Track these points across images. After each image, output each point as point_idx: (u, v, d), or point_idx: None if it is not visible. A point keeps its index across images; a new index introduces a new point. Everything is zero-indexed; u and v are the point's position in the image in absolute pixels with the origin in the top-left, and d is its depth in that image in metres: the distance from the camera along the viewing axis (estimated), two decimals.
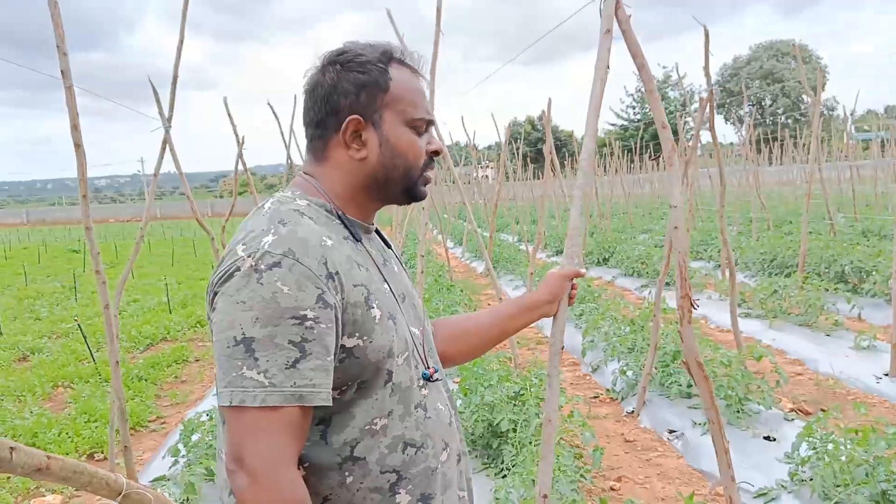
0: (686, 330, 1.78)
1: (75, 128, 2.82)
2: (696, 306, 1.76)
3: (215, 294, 1.08)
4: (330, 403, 1.06)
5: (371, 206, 1.28)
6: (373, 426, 1.14)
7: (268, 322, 1.00)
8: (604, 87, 1.79)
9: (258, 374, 1.00)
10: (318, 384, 1.03)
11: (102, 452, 4.67)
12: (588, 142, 1.76)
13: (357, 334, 1.10)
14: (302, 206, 1.18)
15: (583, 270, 1.65)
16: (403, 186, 1.25)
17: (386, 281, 1.22)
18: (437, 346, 1.43)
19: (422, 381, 1.24)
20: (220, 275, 1.07)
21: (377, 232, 1.35)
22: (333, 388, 1.08)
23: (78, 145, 2.85)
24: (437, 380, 1.29)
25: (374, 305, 1.13)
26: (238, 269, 1.04)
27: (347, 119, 1.19)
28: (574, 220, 1.76)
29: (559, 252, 14.17)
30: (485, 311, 1.61)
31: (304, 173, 1.27)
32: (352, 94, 1.19)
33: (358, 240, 1.21)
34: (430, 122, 1.27)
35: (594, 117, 1.79)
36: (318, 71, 1.23)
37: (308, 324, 1.02)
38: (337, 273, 1.08)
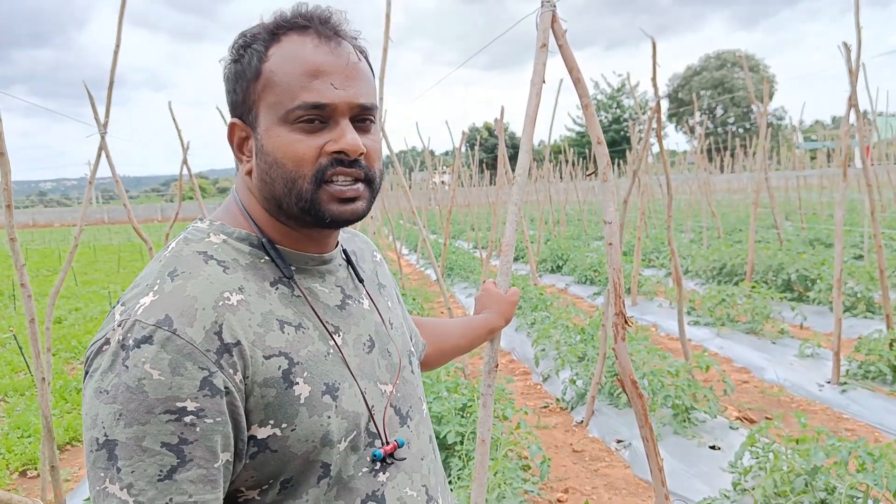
0: (620, 347, 1.76)
1: None
2: (630, 324, 1.74)
3: (85, 374, 0.83)
4: None
5: (296, 233, 0.97)
6: None
7: (133, 419, 0.76)
8: (539, 101, 1.75)
9: (121, 489, 0.76)
10: (202, 501, 0.79)
11: (36, 470, 4.48)
12: (523, 157, 1.73)
13: (272, 422, 0.85)
14: (215, 244, 0.92)
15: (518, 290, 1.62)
16: (298, 207, 0.92)
17: (332, 335, 0.94)
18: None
19: (376, 464, 0.96)
20: (93, 348, 0.83)
21: (346, 254, 1.08)
22: (251, 489, 0.87)
23: (1, 153, 2.72)
24: (399, 459, 1.00)
25: (300, 380, 0.87)
26: (108, 342, 0.80)
27: (229, 123, 0.96)
28: (509, 236, 1.72)
29: (513, 259, 14.19)
30: (454, 325, 1.46)
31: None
32: (230, 92, 0.94)
33: (295, 283, 0.94)
34: (333, 108, 0.90)
35: (529, 131, 1.76)
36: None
37: (188, 419, 0.77)
38: (237, 344, 0.82)
